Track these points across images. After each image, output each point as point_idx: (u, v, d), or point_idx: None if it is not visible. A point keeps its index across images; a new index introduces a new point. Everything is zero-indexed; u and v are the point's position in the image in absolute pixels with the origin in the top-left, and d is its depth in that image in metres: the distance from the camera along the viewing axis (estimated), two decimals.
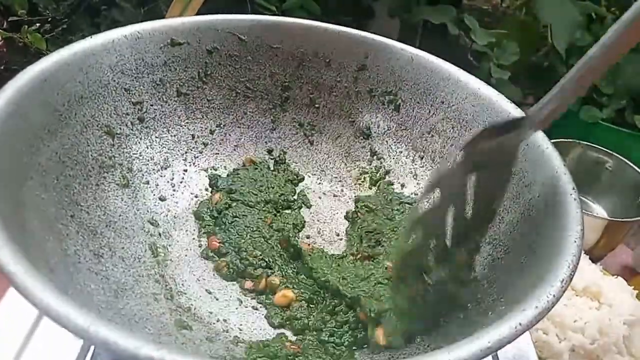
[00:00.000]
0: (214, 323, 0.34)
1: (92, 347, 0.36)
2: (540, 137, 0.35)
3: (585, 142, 0.63)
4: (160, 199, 0.40)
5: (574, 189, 0.31)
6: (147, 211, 0.39)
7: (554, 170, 0.32)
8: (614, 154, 0.63)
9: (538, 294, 0.25)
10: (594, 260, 0.54)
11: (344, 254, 0.40)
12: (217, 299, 0.36)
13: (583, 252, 0.45)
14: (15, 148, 0.29)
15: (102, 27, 0.72)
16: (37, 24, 0.73)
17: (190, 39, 0.41)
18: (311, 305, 0.36)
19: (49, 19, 0.75)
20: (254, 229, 0.40)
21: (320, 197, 0.45)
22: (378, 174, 0.45)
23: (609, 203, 0.64)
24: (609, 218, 0.58)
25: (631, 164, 0.61)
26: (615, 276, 0.53)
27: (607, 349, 0.45)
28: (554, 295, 0.24)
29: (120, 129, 0.38)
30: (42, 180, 0.31)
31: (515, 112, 0.37)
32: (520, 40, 0.86)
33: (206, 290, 0.36)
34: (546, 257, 0.28)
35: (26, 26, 0.69)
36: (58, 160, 0.33)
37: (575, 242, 0.27)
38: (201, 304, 0.35)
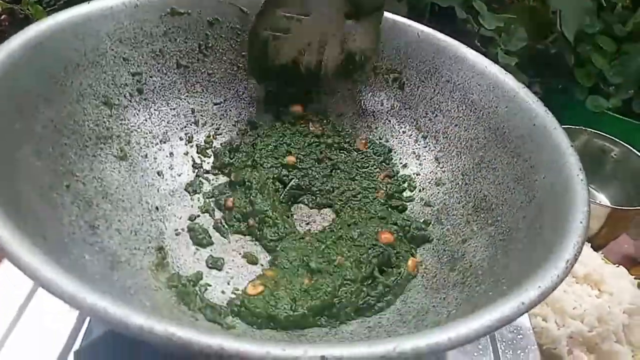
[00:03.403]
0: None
1: (88, 318, 0.35)
2: (548, 119, 0.34)
3: (592, 130, 0.62)
4: (158, 173, 0.40)
5: (580, 169, 0.30)
6: (145, 184, 0.38)
7: (561, 151, 0.32)
8: (620, 142, 0.62)
9: (542, 274, 0.24)
10: (596, 248, 0.54)
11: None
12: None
13: None
14: (7, 113, 0.28)
15: None
16: None
17: (192, 8, 0.40)
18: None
19: None
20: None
21: None
22: (381, 154, 0.44)
23: (613, 192, 0.63)
24: (612, 206, 0.58)
25: (637, 152, 0.60)
26: (617, 265, 0.52)
27: (606, 337, 0.45)
28: (558, 276, 0.24)
29: (118, 99, 0.37)
30: (37, 148, 0.30)
31: (523, 91, 0.36)
32: (529, 26, 0.84)
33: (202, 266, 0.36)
34: (551, 237, 0.27)
35: None
36: (54, 129, 0.32)
37: (581, 223, 0.26)
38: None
